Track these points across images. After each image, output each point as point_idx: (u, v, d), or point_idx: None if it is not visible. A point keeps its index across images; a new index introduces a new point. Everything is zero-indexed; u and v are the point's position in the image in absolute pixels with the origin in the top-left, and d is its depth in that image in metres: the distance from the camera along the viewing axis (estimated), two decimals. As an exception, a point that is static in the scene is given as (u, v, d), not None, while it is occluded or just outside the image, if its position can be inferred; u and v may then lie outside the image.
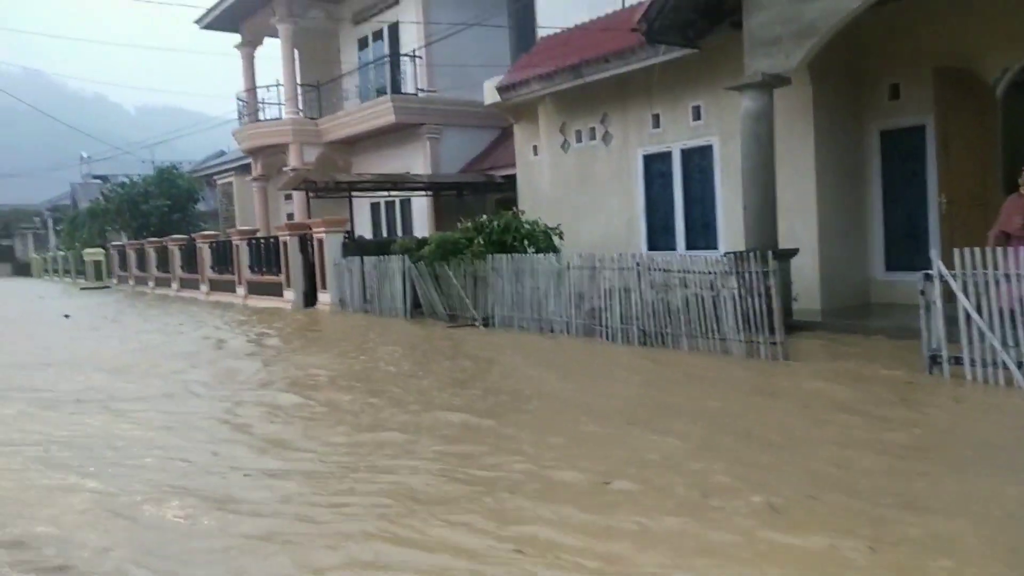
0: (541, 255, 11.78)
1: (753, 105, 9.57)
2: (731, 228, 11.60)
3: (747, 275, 8.70)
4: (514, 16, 16.27)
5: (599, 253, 10.73)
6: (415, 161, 20.11)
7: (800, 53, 9.10)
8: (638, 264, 9.94)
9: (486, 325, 12.44)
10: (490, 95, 15.64)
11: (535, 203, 15.04)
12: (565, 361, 9.35)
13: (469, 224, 13.44)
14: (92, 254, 36.59)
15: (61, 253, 45.67)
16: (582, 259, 10.86)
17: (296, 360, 10.42)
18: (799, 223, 10.64)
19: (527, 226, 13.01)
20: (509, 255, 12.16)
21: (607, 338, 10.29)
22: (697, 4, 10.43)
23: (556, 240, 13.02)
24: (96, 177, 50.46)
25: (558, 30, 14.65)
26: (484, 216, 13.46)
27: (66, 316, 18.22)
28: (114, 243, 35.05)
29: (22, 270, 59.05)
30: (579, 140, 14.37)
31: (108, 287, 33.40)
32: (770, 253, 8.65)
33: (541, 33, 15.29)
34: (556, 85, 13.73)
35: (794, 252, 9.81)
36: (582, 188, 14.32)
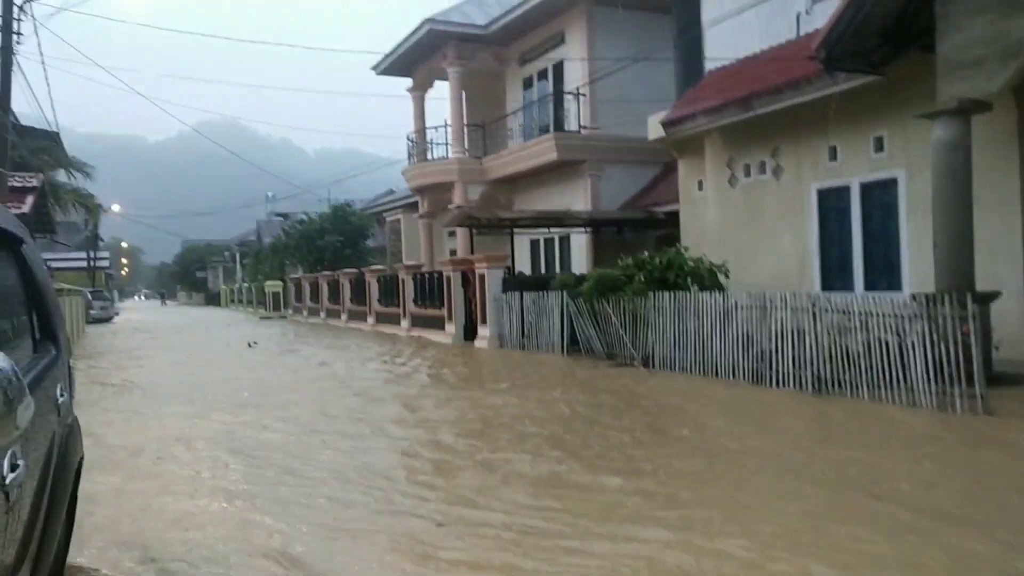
0: (706, 294, 11.31)
1: (947, 134, 8.76)
2: (918, 268, 10.64)
3: (940, 319, 7.89)
4: (681, 50, 16.01)
5: (769, 293, 10.15)
6: (576, 198, 20.16)
7: (1004, 75, 8.25)
8: (813, 305, 9.28)
9: (645, 365, 12.07)
10: (654, 130, 15.41)
11: (699, 240, 14.56)
12: (740, 409, 8.66)
13: (630, 261, 13.19)
14: (272, 286, 39.39)
15: (245, 285, 49.52)
16: (751, 298, 10.31)
17: (469, 398, 9.85)
18: (1001, 264, 9.58)
19: (691, 263, 12.59)
20: (671, 293, 11.78)
21: (777, 383, 9.64)
22: (882, 28, 9.77)
23: (722, 278, 12.49)
24: (278, 215, 54.55)
25: (727, 62, 14.25)
26: (645, 253, 13.17)
27: (251, 344, 19.40)
28: (291, 276, 37.58)
29: (213, 300, 64.62)
30: (747, 175, 13.81)
31: (284, 317, 35.77)
32: (968, 296, 7.80)
33: (709, 66, 14.93)
34: (724, 118, 13.30)
35: (995, 295, 8.81)
36: (750, 224, 13.72)
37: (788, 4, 13.01)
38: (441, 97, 25.34)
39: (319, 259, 35.02)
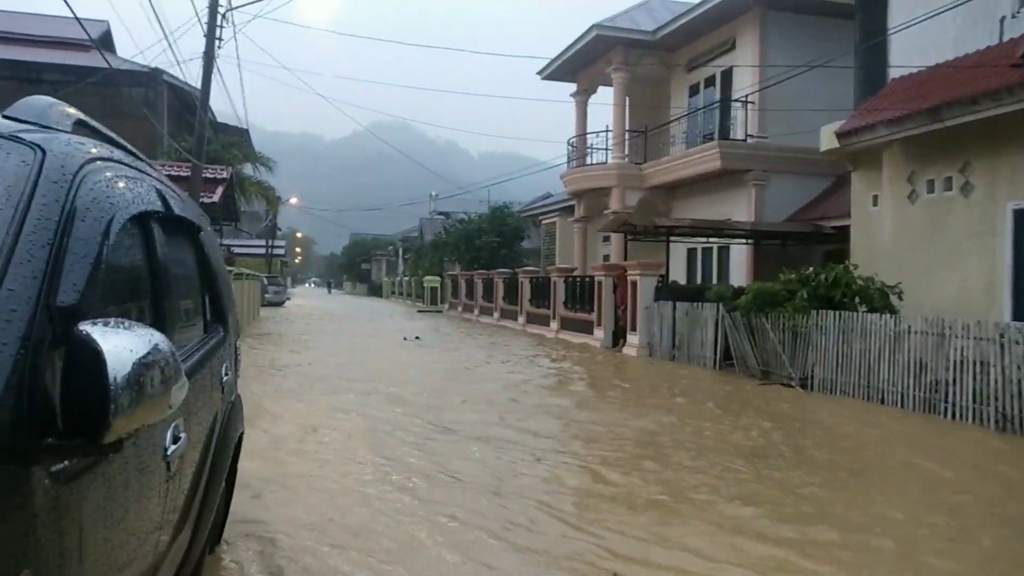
0: (875, 315, 10.54)
1: None
2: None
3: None
4: (861, 56, 15.00)
5: (948, 319, 9.30)
6: (737, 208, 19.43)
7: None
8: (1002, 335, 8.41)
9: (803, 386, 11.42)
10: (827, 140, 14.54)
11: (870, 258, 13.59)
12: (931, 446, 7.74)
13: (792, 276, 12.52)
14: (430, 281, 40.81)
15: (406, 278, 51.61)
16: (927, 323, 9.49)
17: (617, 417, 8.85)
18: None
19: (860, 282, 11.76)
20: (836, 312, 11.07)
21: (952, 416, 8.83)
22: (1104, 31, 8.70)
23: (894, 300, 11.58)
24: (440, 213, 56.39)
25: (913, 70, 13.20)
26: (810, 268, 12.46)
27: (416, 338, 19.78)
28: (449, 272, 38.77)
29: (375, 290, 67.90)
30: (930, 191, 12.73)
31: (440, 311, 36.95)
32: None
33: (893, 74, 13.90)
34: (908, 130, 12.31)
35: None
36: (930, 244, 12.63)
37: (990, 8, 11.86)
38: (603, 102, 25.25)
39: (476, 258, 35.87)
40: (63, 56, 22.74)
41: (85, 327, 1.35)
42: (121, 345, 1.36)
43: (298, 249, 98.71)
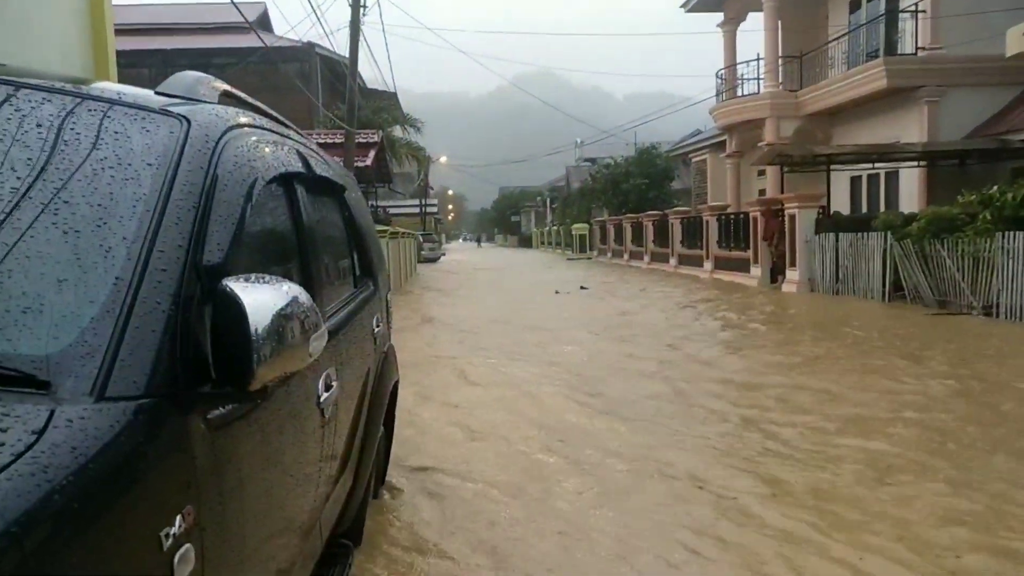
0: (1074, 235, 9.46)
1: None
2: None
3: None
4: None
5: None
6: (907, 129, 17.84)
7: None
8: None
9: (987, 315, 10.48)
10: (1015, 43, 13.05)
11: (1067, 172, 12.15)
12: None
13: (973, 197, 11.44)
14: (579, 228, 40.75)
15: (554, 228, 51.82)
16: None
17: (798, 379, 7.35)
18: None
19: (1054, 199, 10.57)
20: (1027, 234, 10.04)
21: None
22: None
23: (1096, 218, 10.34)
24: (587, 160, 55.89)
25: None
26: (994, 188, 11.31)
27: (583, 288, 18.80)
28: (597, 219, 38.49)
29: (525, 242, 68.75)
30: None
31: (590, 258, 36.89)
32: None
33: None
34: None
35: None
36: None
37: None
38: (753, 29, 23.84)
39: (623, 202, 35.35)
40: (227, 40, 24.26)
41: (229, 283, 1.43)
42: (261, 299, 1.43)
43: (450, 206, 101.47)
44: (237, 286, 1.42)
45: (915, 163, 17.37)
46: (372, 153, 19.87)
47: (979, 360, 7.92)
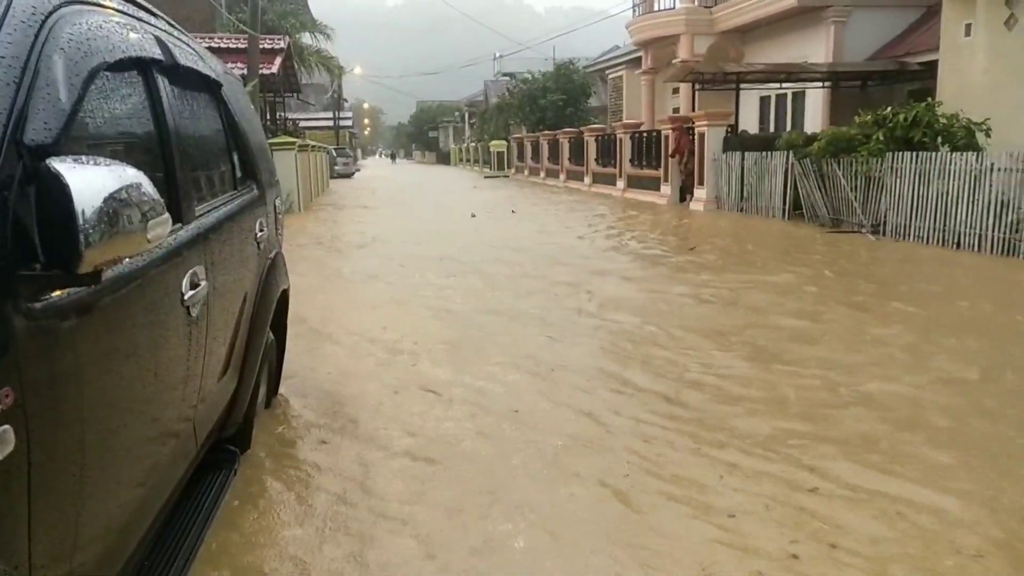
0: (956, 154, 9.93)
1: None
2: None
3: None
4: None
5: (1037, 153, 8.69)
6: (815, 49, 18.18)
7: None
8: (1094, 168, 7.83)
9: (875, 233, 11.02)
10: (914, -35, 13.28)
11: (958, 95, 12.64)
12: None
13: (868, 118, 11.83)
14: (496, 146, 40.30)
15: (472, 144, 51.17)
16: (1012, 159, 8.90)
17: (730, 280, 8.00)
18: None
19: (942, 120, 11.03)
20: (913, 153, 10.48)
21: (1034, 257, 8.43)
22: None
23: (980, 139, 10.85)
24: (505, 75, 54.90)
25: None
26: (887, 109, 11.72)
27: (473, 215, 16.74)
28: (514, 135, 38.12)
29: (443, 159, 67.72)
30: (1029, 15, 11.58)
31: (507, 176, 36.70)
32: None
33: None
34: (1005, -55, 11.11)
35: None
36: (1025, 76, 11.64)
37: None
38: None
39: (541, 119, 35.05)
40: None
41: (54, 163, 1.37)
42: (90, 179, 1.38)
43: (366, 120, 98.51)
44: (63, 166, 1.36)
45: (820, 84, 17.79)
46: (278, 60, 18.96)
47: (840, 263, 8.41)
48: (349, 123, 52.84)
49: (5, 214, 1.31)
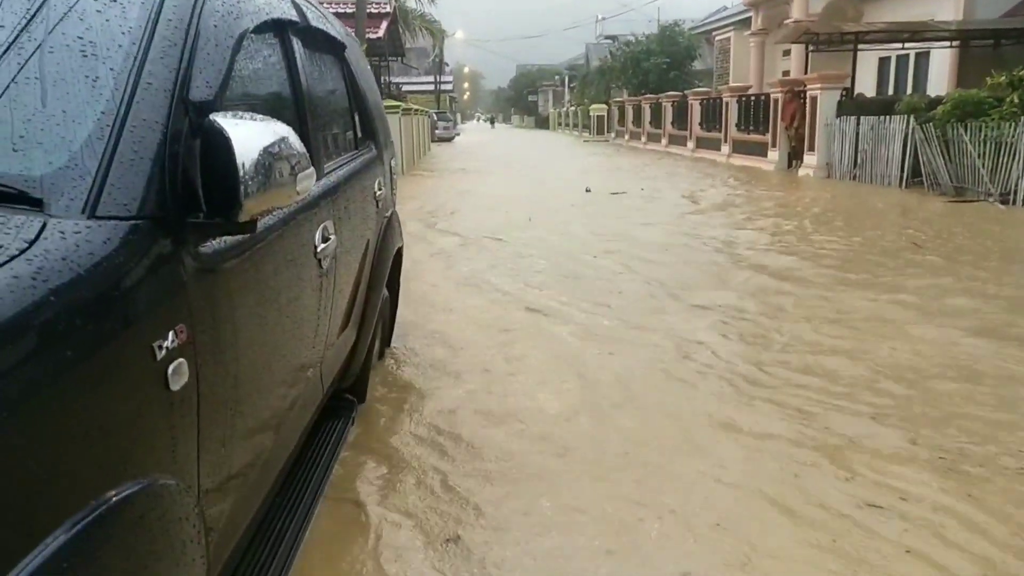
0: (1101, 119, 9.20)
1: None
2: None
3: None
4: None
5: None
6: (942, 7, 17.05)
7: None
8: None
9: (1004, 203, 10.36)
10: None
11: (1105, 54, 11.67)
12: None
13: (1002, 79, 11.06)
14: (596, 110, 39.80)
15: (572, 108, 50.70)
16: None
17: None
18: None
19: (1087, 82, 10.22)
20: (1053, 118, 9.78)
21: None
22: None
23: None
24: (607, 38, 53.94)
25: None
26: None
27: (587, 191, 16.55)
28: (615, 100, 37.54)
29: (542, 123, 67.42)
30: None
31: (607, 140, 36.26)
32: None
33: None
34: None
35: None
36: None
37: None
38: None
39: (643, 82, 34.37)
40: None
41: (217, 118, 1.46)
42: (249, 134, 1.47)
43: (466, 84, 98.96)
44: (225, 121, 1.45)
45: (947, 44, 16.70)
46: (384, 24, 19.27)
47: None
48: (450, 87, 53.22)
49: (175, 167, 1.42)
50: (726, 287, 6.12)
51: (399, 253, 4.08)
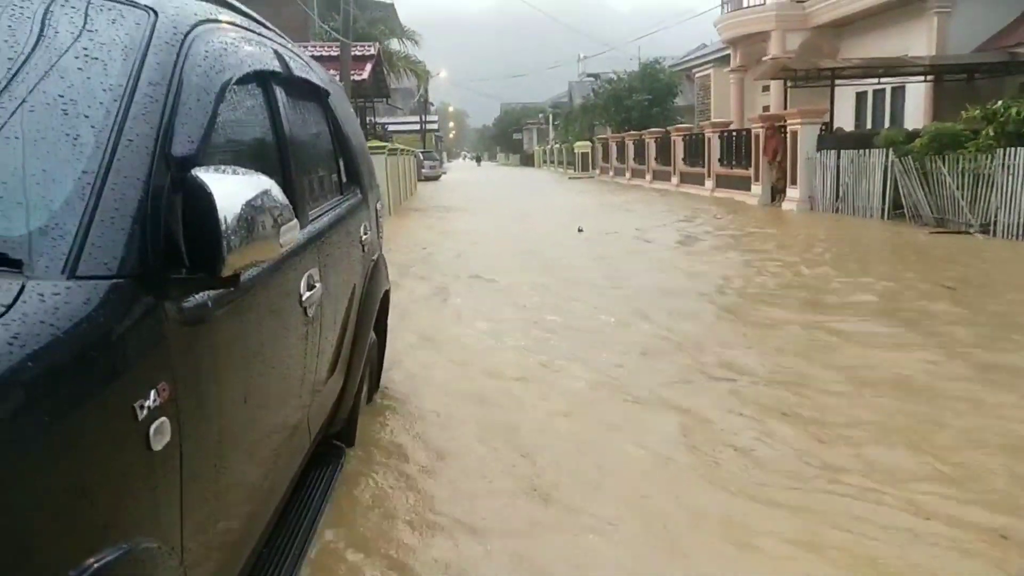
0: (1077, 149, 9.37)
1: None
2: None
3: None
4: None
5: None
6: (916, 42, 17.42)
7: None
8: None
9: (984, 233, 10.49)
10: (1026, -50, 12.58)
11: (1076, 86, 11.93)
12: None
13: (976, 113, 11.27)
14: (581, 146, 40.24)
15: (556, 146, 51.22)
16: None
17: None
18: None
19: (1060, 113, 10.42)
20: (1028, 149, 9.95)
21: None
22: None
23: (1101, 132, 10.21)
24: (589, 75, 54.66)
25: None
26: (998, 103, 11.14)
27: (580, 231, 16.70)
28: (599, 136, 37.96)
29: (527, 160, 68.05)
30: None
31: (591, 176, 36.58)
32: None
33: None
34: None
35: None
36: None
37: None
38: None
39: (626, 119, 34.77)
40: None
41: (199, 173, 1.46)
42: (231, 188, 1.46)
43: (451, 123, 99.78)
44: (207, 176, 1.45)
45: (922, 78, 17.04)
46: (369, 67, 19.46)
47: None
48: (435, 126, 53.68)
49: (157, 223, 1.41)
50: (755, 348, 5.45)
51: (386, 296, 4.07)
